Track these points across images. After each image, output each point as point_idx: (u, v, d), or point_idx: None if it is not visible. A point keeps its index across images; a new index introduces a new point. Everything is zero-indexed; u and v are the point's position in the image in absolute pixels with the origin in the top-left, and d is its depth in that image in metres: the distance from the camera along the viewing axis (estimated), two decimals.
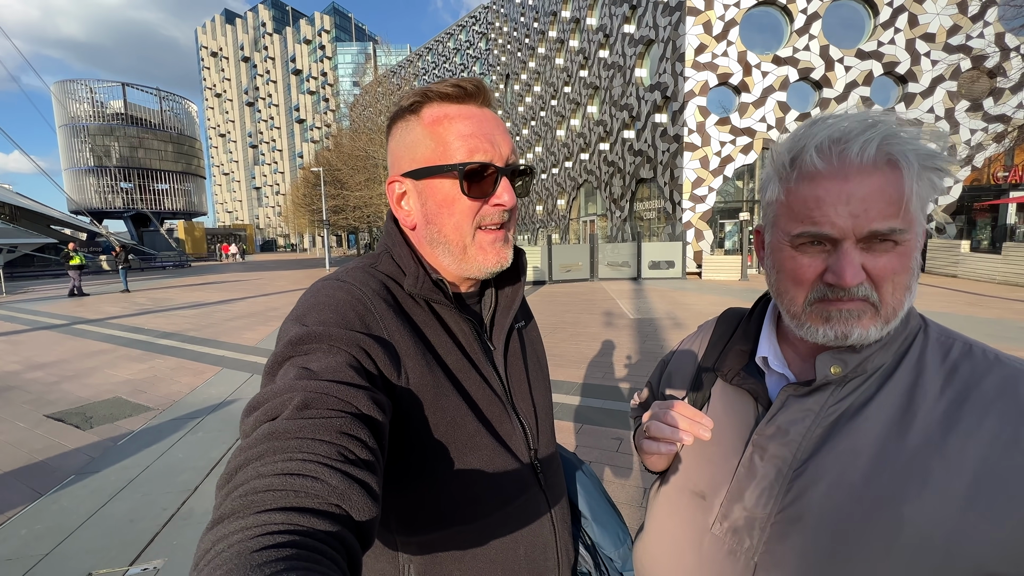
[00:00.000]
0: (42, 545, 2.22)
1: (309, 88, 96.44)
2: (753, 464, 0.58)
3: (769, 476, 0.57)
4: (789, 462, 0.55)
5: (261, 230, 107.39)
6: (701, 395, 0.69)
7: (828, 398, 0.55)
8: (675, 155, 15.39)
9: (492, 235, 0.63)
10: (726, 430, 0.63)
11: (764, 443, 0.58)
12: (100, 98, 52.08)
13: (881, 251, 0.51)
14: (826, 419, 0.55)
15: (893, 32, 14.56)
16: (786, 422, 0.57)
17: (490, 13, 42.26)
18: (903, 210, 0.49)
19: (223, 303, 11.49)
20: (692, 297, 10.21)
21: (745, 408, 0.63)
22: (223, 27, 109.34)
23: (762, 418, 0.59)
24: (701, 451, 0.65)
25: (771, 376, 0.63)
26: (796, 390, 0.57)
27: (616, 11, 19.50)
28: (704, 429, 0.57)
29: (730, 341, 0.69)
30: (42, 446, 3.35)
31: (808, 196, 0.52)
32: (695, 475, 0.65)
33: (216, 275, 22.39)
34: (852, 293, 0.52)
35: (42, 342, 7.13)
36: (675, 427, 0.58)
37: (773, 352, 0.63)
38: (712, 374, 0.69)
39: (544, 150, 30.01)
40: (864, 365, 0.54)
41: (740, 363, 0.66)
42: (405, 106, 0.62)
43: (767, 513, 0.56)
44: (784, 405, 0.58)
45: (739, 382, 0.64)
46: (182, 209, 56.17)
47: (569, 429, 3.38)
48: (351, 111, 35.65)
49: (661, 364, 0.84)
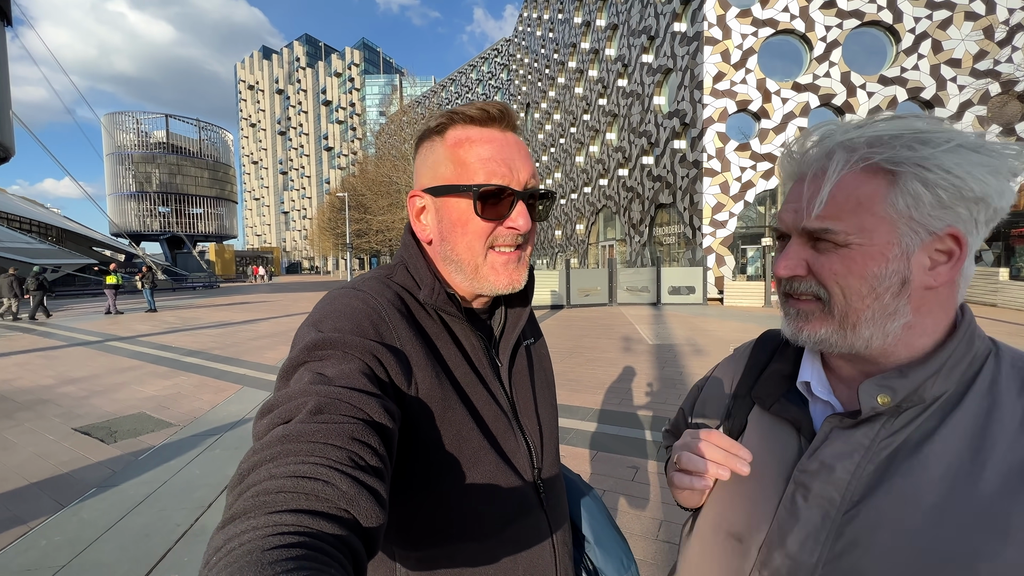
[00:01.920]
0: (60, 556, 2.25)
1: (338, 118, 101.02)
2: (795, 504, 0.52)
3: (814, 520, 0.50)
4: (837, 504, 0.49)
5: (287, 252, 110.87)
6: (736, 424, 0.63)
7: (879, 431, 0.49)
8: (694, 181, 15.38)
9: (505, 256, 0.63)
10: (765, 464, 0.57)
11: (807, 481, 0.52)
12: (145, 128, 55.64)
13: (824, 250, 0.50)
14: (878, 455, 0.48)
15: (916, 58, 14.46)
16: (831, 457, 0.51)
17: (511, 46, 43.88)
18: (843, 211, 0.47)
19: (247, 323, 11.79)
20: (713, 323, 9.98)
21: (786, 440, 0.56)
22: (260, 62, 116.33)
23: (805, 451, 0.54)
24: (738, 487, 0.58)
25: (815, 404, 0.57)
26: (841, 421, 0.51)
27: (634, 42, 19.98)
28: (741, 462, 0.53)
29: (769, 365, 0.64)
30: (68, 458, 3.43)
31: (786, 197, 0.55)
32: (731, 514, 0.59)
33: (242, 295, 23.08)
34: (796, 288, 0.52)
35: (76, 358, 7.41)
36: (709, 459, 0.54)
37: (817, 376, 0.57)
38: (748, 401, 0.63)
39: (563, 176, 30.41)
40: (920, 393, 0.47)
41: (780, 389, 0.60)
42: (432, 127, 0.64)
43: (813, 562, 0.49)
44: (828, 438, 0.52)
45: (779, 410, 0.58)
46: (214, 232, 58.66)
47: (584, 456, 3.29)
48: (377, 139, 37.08)
49: (695, 389, 0.79)
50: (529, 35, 37.15)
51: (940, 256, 0.47)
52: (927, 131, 0.46)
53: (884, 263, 0.47)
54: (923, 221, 0.46)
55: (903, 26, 14.37)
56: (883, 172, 0.47)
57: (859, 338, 0.49)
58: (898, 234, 0.46)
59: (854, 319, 0.49)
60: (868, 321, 0.48)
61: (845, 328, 0.50)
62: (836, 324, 0.50)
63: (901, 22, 14.36)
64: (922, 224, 0.46)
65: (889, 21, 14.40)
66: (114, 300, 14.20)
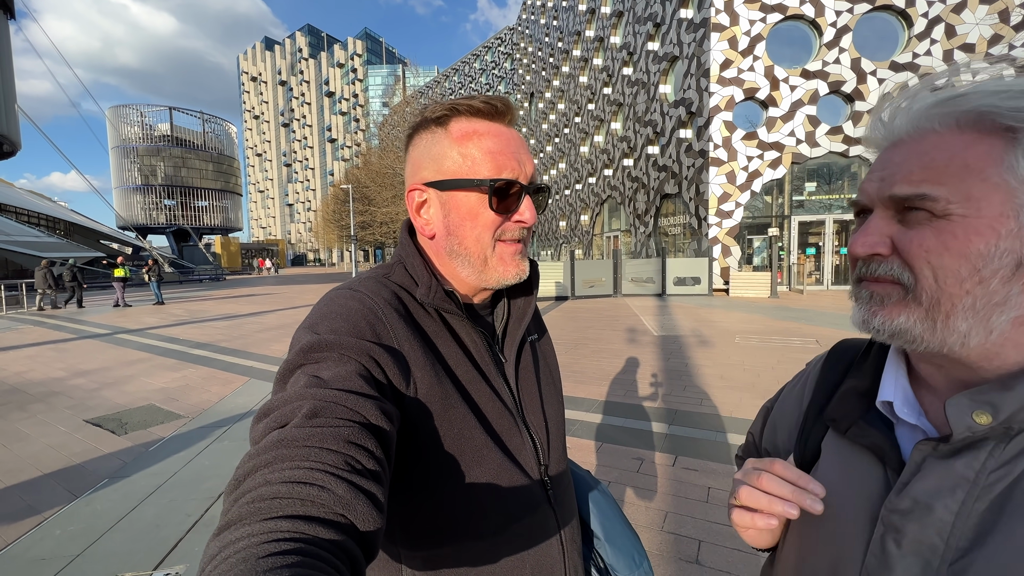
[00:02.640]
0: (74, 546, 2.30)
1: (341, 109, 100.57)
2: (887, 551, 0.43)
3: (912, 570, 0.41)
4: (940, 552, 0.40)
5: (292, 245, 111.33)
6: (809, 451, 0.54)
7: (987, 460, 0.39)
8: (700, 170, 15.21)
9: (512, 247, 0.63)
10: (846, 499, 0.48)
11: (898, 523, 0.43)
12: (149, 121, 55.78)
13: (914, 223, 0.41)
14: (989, 492, 0.39)
15: (929, 43, 14.13)
16: (926, 494, 0.41)
17: (515, 34, 43.33)
18: (946, 175, 0.39)
19: (254, 315, 11.88)
20: (719, 314, 9.94)
21: (869, 471, 0.47)
22: (263, 53, 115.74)
23: (893, 485, 0.44)
24: (816, 528, 0.50)
25: (902, 427, 0.47)
26: (936, 448, 0.42)
27: (640, 29, 19.66)
28: (812, 499, 0.44)
29: (845, 381, 0.54)
30: (80, 450, 3.49)
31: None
32: (812, 558, 0.50)
33: (249, 288, 23.24)
34: (874, 270, 0.44)
35: (86, 350, 7.51)
36: (772, 494, 0.46)
37: (902, 394, 0.47)
38: (821, 424, 0.54)
39: (568, 166, 30.19)
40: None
41: (858, 410, 0.50)
42: (432, 117, 0.62)
43: None
44: (921, 469, 0.42)
45: (856, 435, 0.49)
46: (219, 225, 58.97)
47: (589, 447, 3.30)
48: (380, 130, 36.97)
49: (763, 411, 0.69)
50: (533, 23, 36.64)
51: None
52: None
53: (994, 239, 0.38)
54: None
55: (916, 10, 14.03)
56: (1000, 130, 0.38)
57: (952, 332, 0.40)
58: (1016, 204, 0.38)
59: (947, 307, 0.40)
60: (967, 310, 0.39)
61: (935, 318, 0.40)
62: (923, 312, 0.41)
63: (914, 6, 14.02)
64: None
65: (901, 5, 14.06)
66: (122, 293, 14.36)
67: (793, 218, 15.08)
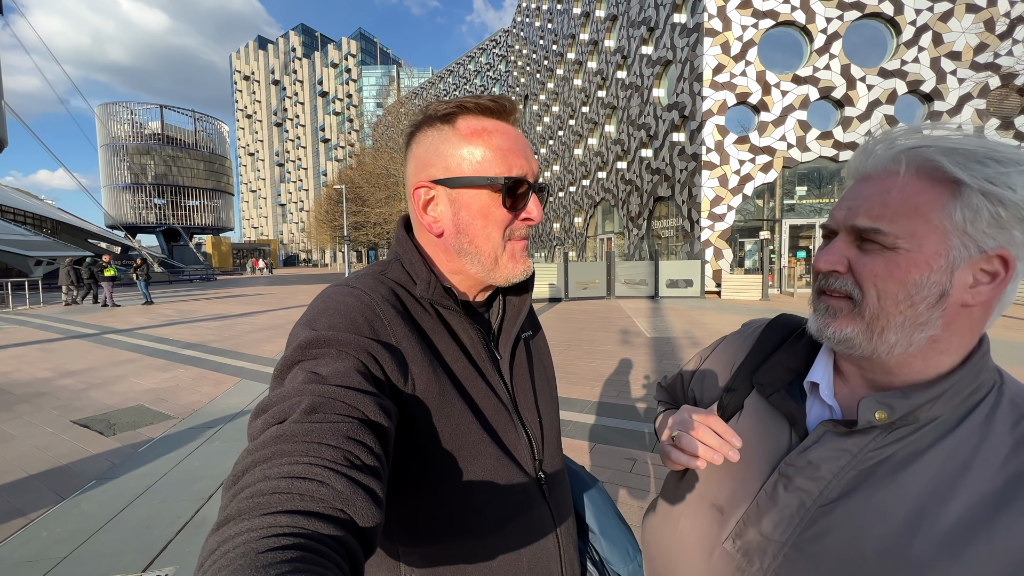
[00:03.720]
0: (61, 548, 2.26)
1: (334, 109, 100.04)
2: (776, 492, 0.56)
3: (791, 507, 0.55)
4: (814, 497, 0.53)
5: (284, 245, 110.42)
6: (733, 404, 0.66)
7: (870, 442, 0.52)
8: (693, 174, 15.33)
9: (519, 244, 0.64)
10: (754, 449, 0.60)
11: (792, 474, 0.56)
12: (139, 119, 55.09)
13: (869, 251, 0.50)
14: (863, 463, 0.52)
15: (917, 51, 14.37)
16: (818, 458, 0.54)
17: (510, 37, 43.40)
18: (898, 215, 0.48)
19: (245, 316, 11.76)
20: (711, 316, 10.01)
21: (778, 430, 0.60)
22: (256, 52, 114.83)
23: (795, 447, 0.57)
24: (726, 465, 0.62)
25: (813, 401, 0.59)
26: (836, 428, 0.54)
27: (634, 33, 19.79)
28: (732, 450, 0.55)
29: (776, 353, 0.65)
30: (67, 451, 3.44)
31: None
32: (716, 488, 0.64)
33: (240, 288, 23.00)
34: (831, 285, 0.53)
35: (73, 350, 7.39)
36: (703, 442, 0.56)
37: (826, 381, 0.58)
38: (748, 384, 0.66)
39: (562, 168, 30.26)
40: (916, 414, 0.50)
41: (782, 380, 0.62)
42: (438, 114, 0.62)
43: (782, 541, 0.55)
44: (820, 440, 0.55)
45: (777, 401, 0.60)
46: (211, 224, 58.34)
47: (583, 448, 3.32)
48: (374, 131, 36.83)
49: (698, 357, 0.81)
50: (528, 26, 36.73)
51: (984, 276, 0.47)
52: (1003, 151, 0.46)
53: (927, 272, 0.47)
54: (976, 237, 0.46)
55: (904, 18, 14.26)
56: (947, 182, 0.46)
57: (884, 343, 0.50)
58: (948, 246, 0.47)
59: (884, 323, 0.49)
60: (897, 327, 0.49)
61: (873, 331, 0.50)
62: (864, 325, 0.51)
63: (902, 14, 14.25)
64: (974, 240, 0.46)
65: (890, 13, 14.29)
66: (111, 292, 14.15)
67: (784, 222, 15.25)
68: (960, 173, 0.46)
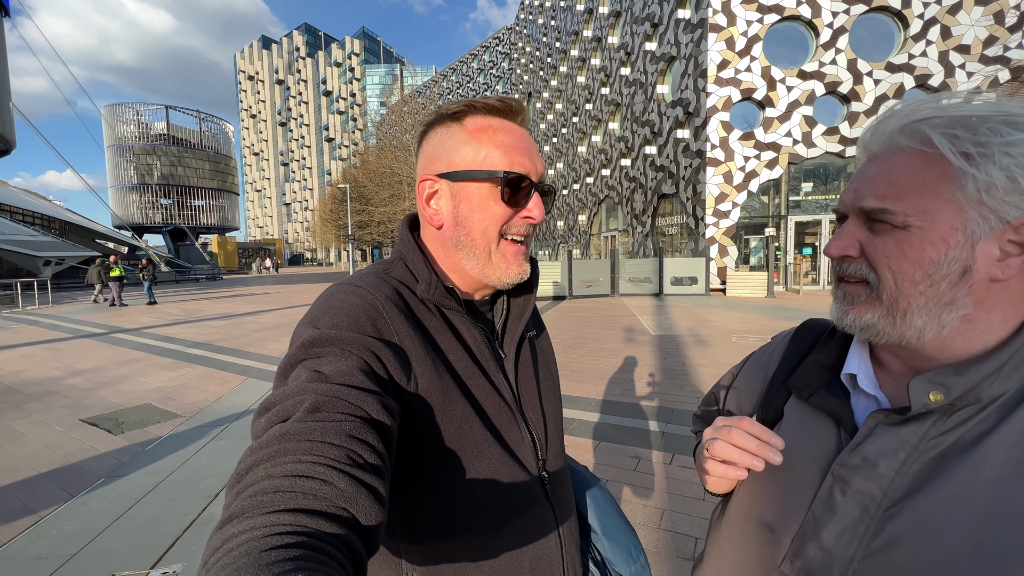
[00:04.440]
0: (71, 545, 2.29)
1: (338, 108, 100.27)
2: (833, 498, 0.51)
3: (853, 514, 0.49)
4: (878, 500, 0.48)
5: (289, 244, 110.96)
6: (772, 413, 0.61)
7: (929, 429, 0.46)
8: (698, 170, 15.25)
9: (515, 247, 0.64)
10: (801, 455, 0.55)
11: (847, 475, 0.50)
12: (145, 120, 55.45)
13: (880, 231, 0.48)
14: (926, 453, 0.46)
15: (925, 44, 14.19)
16: (874, 453, 0.49)
17: (513, 34, 43.30)
18: (906, 192, 0.45)
19: (251, 315, 11.84)
20: (716, 314, 9.96)
21: (824, 432, 0.55)
22: (260, 52, 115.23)
23: (845, 446, 0.52)
24: (771, 477, 0.57)
25: (858, 397, 0.54)
26: (888, 417, 0.49)
27: (638, 29, 19.68)
28: (774, 452, 0.50)
29: (809, 354, 0.61)
30: (76, 449, 3.48)
31: None
32: (763, 504, 0.58)
33: (246, 287, 23.15)
34: (846, 270, 0.51)
35: (82, 350, 7.46)
36: (741, 448, 0.52)
37: (864, 370, 0.54)
38: (785, 390, 0.61)
39: (565, 166, 30.19)
40: (977, 392, 0.44)
41: (820, 380, 0.57)
42: (449, 112, 0.64)
43: (850, 555, 0.48)
44: (873, 433, 0.50)
45: (818, 401, 0.56)
46: (216, 224, 58.70)
47: (587, 446, 3.31)
48: (378, 130, 36.86)
49: (729, 375, 0.77)
50: (531, 23, 36.61)
51: (1013, 247, 0.44)
52: (1015, 113, 0.43)
53: (943, 249, 0.44)
54: (995, 207, 0.43)
55: (911, 11, 14.09)
56: (956, 153, 0.44)
57: (910, 327, 0.47)
58: (964, 219, 0.44)
59: (904, 306, 0.47)
60: (920, 309, 0.46)
61: (894, 315, 0.47)
62: (884, 310, 0.48)
63: (910, 7, 14.08)
64: (994, 211, 0.43)
65: (897, 6, 14.12)
66: (118, 292, 14.27)
67: (790, 218, 15.14)
68: (968, 142, 0.43)
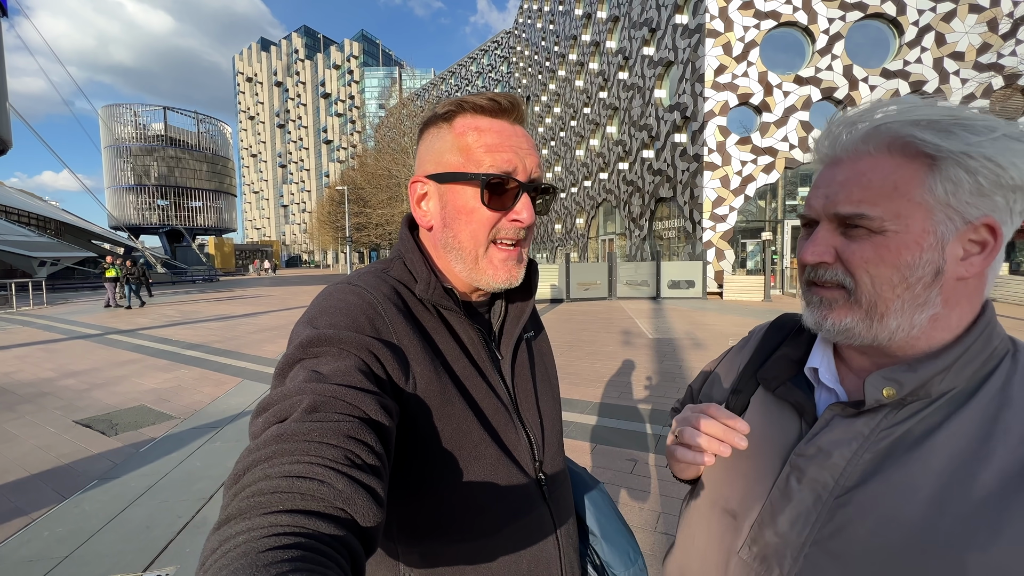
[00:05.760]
0: (63, 548, 2.27)
1: (337, 110, 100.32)
2: (789, 486, 0.53)
3: (806, 502, 0.51)
4: (830, 488, 0.50)
5: (287, 246, 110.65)
6: (740, 402, 0.63)
7: (881, 421, 0.49)
8: (695, 174, 15.31)
9: (505, 253, 0.63)
10: (764, 445, 0.57)
11: (803, 464, 0.52)
12: (143, 121, 55.23)
13: (855, 237, 0.48)
14: (876, 444, 0.48)
15: (919, 51, 14.33)
16: (829, 443, 0.51)
17: (512, 38, 43.49)
18: (879, 196, 0.46)
19: (247, 316, 11.80)
20: (712, 317, 9.99)
21: (787, 423, 0.57)
22: (259, 54, 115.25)
23: (805, 436, 0.54)
24: (735, 464, 0.59)
25: (820, 391, 0.57)
26: (844, 410, 0.51)
27: (636, 34, 19.79)
28: (739, 437, 0.52)
29: (779, 348, 0.63)
30: (69, 451, 3.45)
31: (814, 182, 0.54)
32: (727, 490, 0.60)
33: (242, 289, 23.05)
34: (821, 276, 0.52)
35: (76, 351, 7.41)
36: (707, 434, 0.54)
37: (826, 364, 0.56)
38: (753, 381, 0.63)
39: (563, 169, 30.27)
40: (927, 388, 0.47)
41: (787, 373, 0.59)
42: (439, 113, 0.63)
43: (801, 541, 0.51)
44: (829, 425, 0.52)
45: (783, 393, 0.58)
46: (213, 225, 58.46)
47: (584, 449, 3.31)
48: (376, 132, 36.89)
49: (703, 373, 0.79)
50: (530, 27, 36.78)
51: (973, 246, 0.46)
52: (968, 118, 0.44)
53: (918, 252, 0.46)
54: (960, 209, 0.45)
55: (907, 18, 14.23)
56: (922, 156, 0.45)
57: (885, 329, 0.48)
58: (934, 222, 0.45)
59: (882, 309, 0.48)
60: (897, 312, 0.47)
61: (872, 318, 0.48)
62: (862, 313, 0.49)
63: (905, 14, 14.22)
64: (959, 212, 0.45)
65: (893, 13, 14.26)
66: (114, 293, 14.19)
67: (786, 222, 15.21)
68: (934, 146, 0.44)
